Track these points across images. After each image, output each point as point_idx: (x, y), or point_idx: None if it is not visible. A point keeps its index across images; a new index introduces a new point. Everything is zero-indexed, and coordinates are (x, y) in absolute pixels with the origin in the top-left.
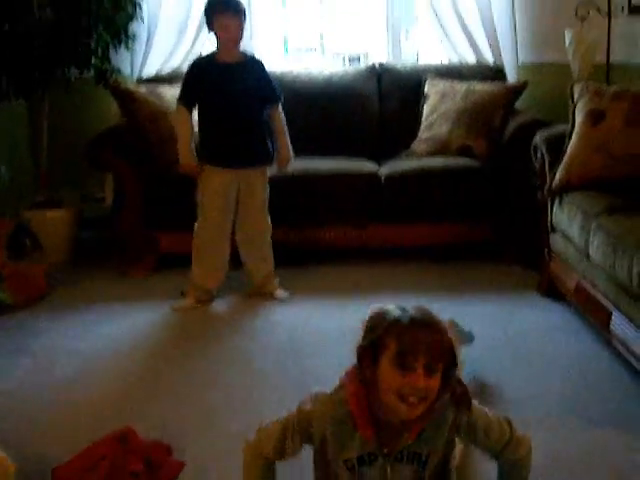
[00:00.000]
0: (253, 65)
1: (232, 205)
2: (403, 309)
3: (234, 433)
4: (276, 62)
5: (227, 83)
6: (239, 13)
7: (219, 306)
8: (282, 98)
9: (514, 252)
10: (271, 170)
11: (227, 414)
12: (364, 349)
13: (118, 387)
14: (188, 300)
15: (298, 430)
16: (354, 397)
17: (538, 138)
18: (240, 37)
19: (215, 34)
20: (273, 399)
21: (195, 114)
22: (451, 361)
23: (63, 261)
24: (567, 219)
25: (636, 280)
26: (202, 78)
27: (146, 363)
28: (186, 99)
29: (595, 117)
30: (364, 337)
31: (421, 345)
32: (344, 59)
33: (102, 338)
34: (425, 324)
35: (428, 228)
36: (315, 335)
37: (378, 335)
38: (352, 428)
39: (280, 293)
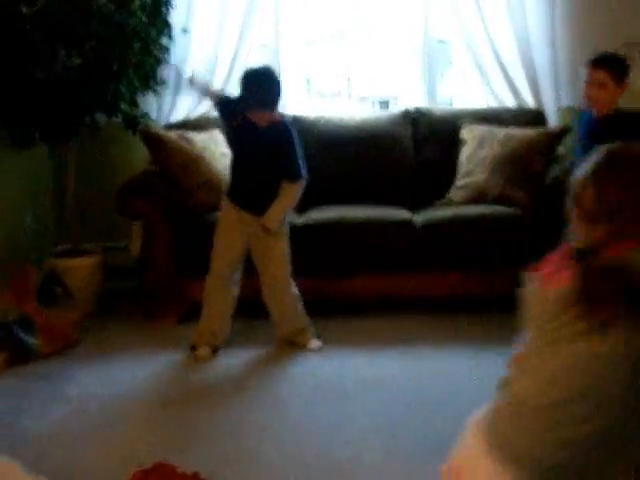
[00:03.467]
0: (279, 134)
1: (239, 250)
2: None
3: (276, 467)
4: (300, 106)
5: (251, 142)
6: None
7: (247, 354)
8: (302, 177)
9: None
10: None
11: (263, 456)
12: None
13: (150, 432)
14: (202, 350)
15: None
16: None
17: None
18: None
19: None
20: (307, 441)
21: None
22: None
23: (90, 310)
24: None
25: None
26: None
27: (176, 409)
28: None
29: None
30: None
31: None
32: (372, 103)
33: (131, 384)
34: None
35: (463, 277)
36: (347, 383)
37: None
38: None
39: (313, 343)
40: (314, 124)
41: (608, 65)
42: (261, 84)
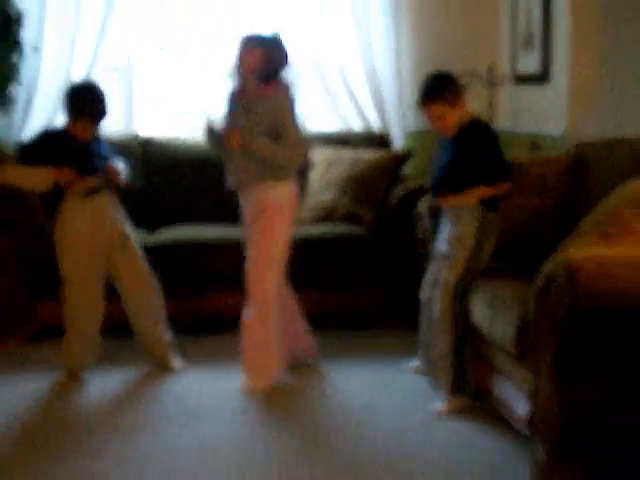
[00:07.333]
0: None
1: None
2: None
3: None
4: (154, 126)
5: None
6: (100, 119)
7: (102, 379)
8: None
9: (400, 318)
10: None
11: None
12: None
13: None
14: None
15: None
16: None
17: (421, 206)
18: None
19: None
20: (168, 467)
21: None
22: None
23: None
24: None
25: (513, 340)
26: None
27: (25, 445)
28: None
29: None
30: None
31: None
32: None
33: None
34: None
35: (316, 296)
36: (208, 402)
37: None
38: None
39: (175, 363)
40: (164, 146)
41: (434, 98)
42: (101, 98)
